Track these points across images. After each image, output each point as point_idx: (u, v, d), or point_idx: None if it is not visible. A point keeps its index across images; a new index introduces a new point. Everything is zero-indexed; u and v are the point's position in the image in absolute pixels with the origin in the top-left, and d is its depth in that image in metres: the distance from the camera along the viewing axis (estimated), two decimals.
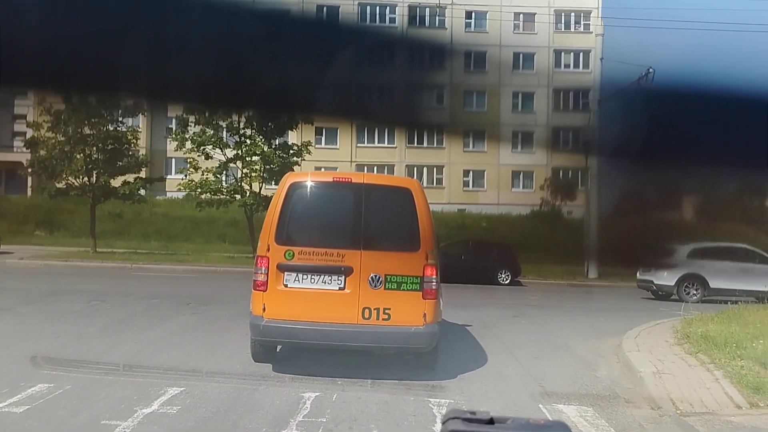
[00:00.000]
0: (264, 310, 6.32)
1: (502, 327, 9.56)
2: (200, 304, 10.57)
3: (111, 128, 25.35)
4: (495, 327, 9.51)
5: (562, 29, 43.80)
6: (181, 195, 28.81)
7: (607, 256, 25.23)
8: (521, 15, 43.40)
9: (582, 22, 44.22)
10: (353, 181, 6.80)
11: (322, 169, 40.76)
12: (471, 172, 42.07)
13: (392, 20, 43.15)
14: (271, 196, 20.19)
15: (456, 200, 40.91)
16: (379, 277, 6.30)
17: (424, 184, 41.43)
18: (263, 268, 6.35)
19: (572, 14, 44.04)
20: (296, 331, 6.25)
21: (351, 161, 41.84)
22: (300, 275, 6.34)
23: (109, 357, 6.55)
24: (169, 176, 36.11)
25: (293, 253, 6.34)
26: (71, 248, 26.44)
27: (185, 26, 1.36)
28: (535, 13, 43.35)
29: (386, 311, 6.27)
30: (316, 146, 38.53)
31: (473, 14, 43.32)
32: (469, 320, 10.16)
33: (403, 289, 6.32)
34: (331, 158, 40.68)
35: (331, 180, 7.04)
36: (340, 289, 6.31)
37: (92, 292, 11.55)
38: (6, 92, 35.64)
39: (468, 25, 43.32)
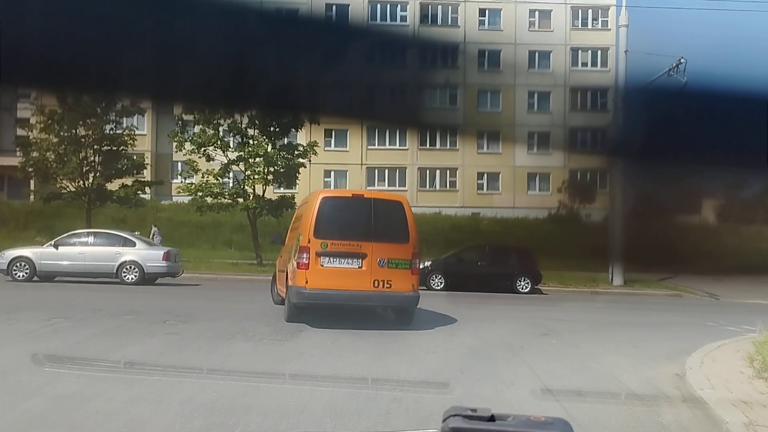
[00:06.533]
0: (307, 282, 9.05)
1: (530, 349, 8.03)
2: (179, 321, 9.14)
3: (107, 129, 24.12)
4: (522, 349, 7.99)
5: (579, 26, 42.47)
6: (186, 199, 27.58)
7: (631, 261, 23.70)
8: (537, 12, 42.13)
9: (600, 19, 42.79)
10: (365, 196, 10.24)
11: (332, 173, 39.90)
12: (485, 175, 40.59)
13: (403, 18, 41.96)
14: (276, 200, 21.56)
15: (470, 204, 39.61)
16: (384, 260, 9.20)
17: (437, 187, 40.39)
18: (306, 255, 9.07)
19: (589, 11, 42.66)
20: (330, 295, 9.08)
21: (361, 164, 40.58)
22: (332, 258, 9.15)
23: (25, 405, 4.88)
24: (174, 180, 35.00)
25: (327, 244, 9.13)
26: None
27: (190, 26, 1.30)
28: (551, 10, 42.07)
29: (389, 282, 9.17)
30: (326, 149, 37.50)
31: (487, 11, 42.10)
32: (490, 339, 8.69)
33: (399, 268, 9.25)
34: (341, 161, 39.45)
35: (350, 195, 10.27)
36: (358, 267, 9.16)
37: (60, 307, 10.17)
38: (9, 94, 34.70)
39: (482, 22, 42.09)
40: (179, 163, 33.96)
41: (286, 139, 25.09)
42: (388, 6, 42.29)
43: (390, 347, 7.64)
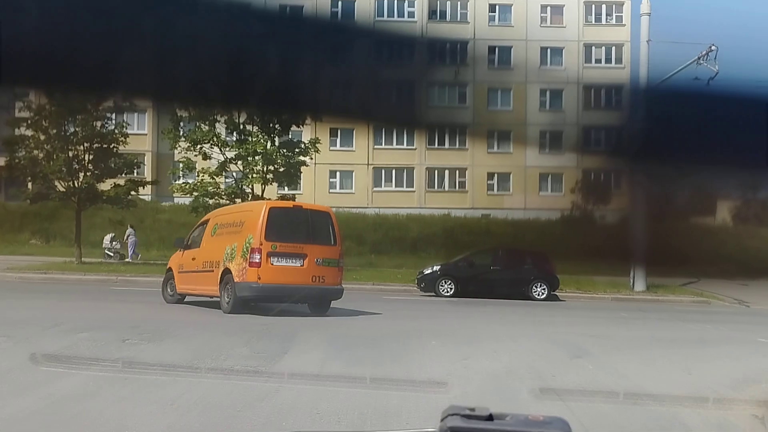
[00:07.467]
0: (259, 278, 10.66)
1: (563, 379, 6.53)
2: (143, 339, 7.71)
3: (98, 126, 22.77)
4: (554, 379, 6.50)
5: (593, 22, 41.20)
6: (188, 200, 26.31)
7: (653, 265, 22.25)
8: (548, 7, 40.98)
9: (614, 14, 41.45)
10: (303, 207, 12.48)
11: (337, 173, 38.67)
12: (496, 175, 39.25)
13: (411, 14, 40.73)
14: (275, 200, 21.51)
15: (480, 205, 38.33)
16: (320, 259, 11.10)
17: (446, 188, 39.14)
18: (258, 255, 10.68)
19: (603, 5, 41.41)
20: (278, 288, 10.88)
21: (368, 164, 39.34)
22: (279, 258, 10.87)
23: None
24: (176, 181, 33.87)
25: (276, 246, 10.84)
26: (60, 258, 23.90)
27: (190, 23, 1.28)
28: (563, 5, 40.88)
29: (323, 278, 11.12)
30: (331, 148, 36.29)
31: (497, 7, 40.95)
32: (512, 364, 7.22)
33: (330, 266, 11.25)
34: (347, 160, 38.25)
35: (291, 206, 12.95)
36: (300, 265, 10.97)
37: (7, 322, 8.76)
38: (6, 94, 33.63)
39: (492, 18, 40.97)
40: (181, 164, 32.82)
41: (290, 135, 23.79)
42: (396, 2, 41.10)
43: (390, 377, 6.18)
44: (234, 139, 22.92)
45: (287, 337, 8.27)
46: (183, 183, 23.56)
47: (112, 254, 25.06)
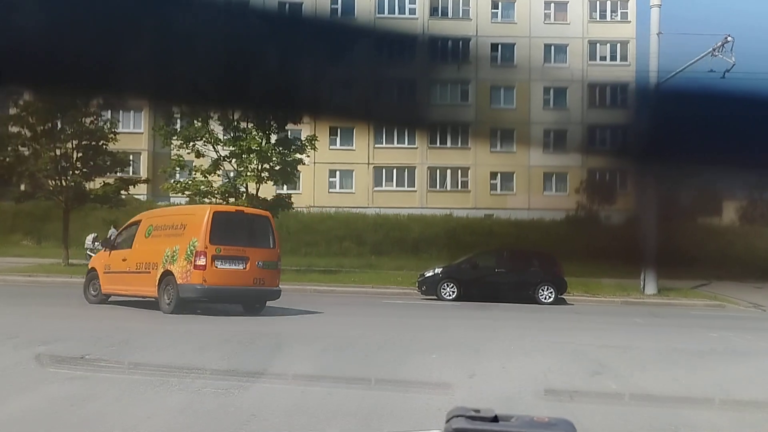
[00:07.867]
0: (205, 280, 10.98)
1: (583, 401, 5.64)
2: (104, 354, 6.85)
3: (86, 122, 21.93)
4: (572, 401, 5.60)
5: (597, 18, 40.49)
6: (185, 201, 25.49)
7: (663, 266, 21.43)
8: (552, 4, 40.36)
9: (619, 10, 40.67)
10: (245, 211, 13.31)
11: (337, 172, 37.93)
12: (499, 175, 38.46)
13: (412, 11, 40.01)
14: (271, 199, 20.27)
15: (482, 205, 37.61)
16: (261, 262, 11.55)
17: (448, 188, 38.39)
18: (203, 258, 11.01)
19: (608, 2, 40.65)
20: (222, 290, 11.29)
21: (368, 163, 38.60)
22: (223, 261, 11.22)
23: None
24: (170, 179, 33.13)
25: (220, 249, 11.21)
26: (50, 259, 23.09)
27: (188, 22, 1.29)
28: (568, 2, 40.24)
29: (263, 280, 11.62)
30: (331, 147, 35.54)
31: (500, 3, 40.33)
32: (523, 381, 6.35)
33: (270, 268, 11.76)
34: (347, 160, 37.56)
35: (234, 210, 13.50)
36: (243, 268, 11.39)
37: None
38: (4, 93, 32.89)
39: (495, 15, 40.34)
40: (173, 162, 31.98)
41: (289, 133, 22.98)
42: None
43: (383, 399, 5.30)
44: (227, 136, 22.10)
45: (279, 343, 7.42)
46: (175, 182, 22.69)
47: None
